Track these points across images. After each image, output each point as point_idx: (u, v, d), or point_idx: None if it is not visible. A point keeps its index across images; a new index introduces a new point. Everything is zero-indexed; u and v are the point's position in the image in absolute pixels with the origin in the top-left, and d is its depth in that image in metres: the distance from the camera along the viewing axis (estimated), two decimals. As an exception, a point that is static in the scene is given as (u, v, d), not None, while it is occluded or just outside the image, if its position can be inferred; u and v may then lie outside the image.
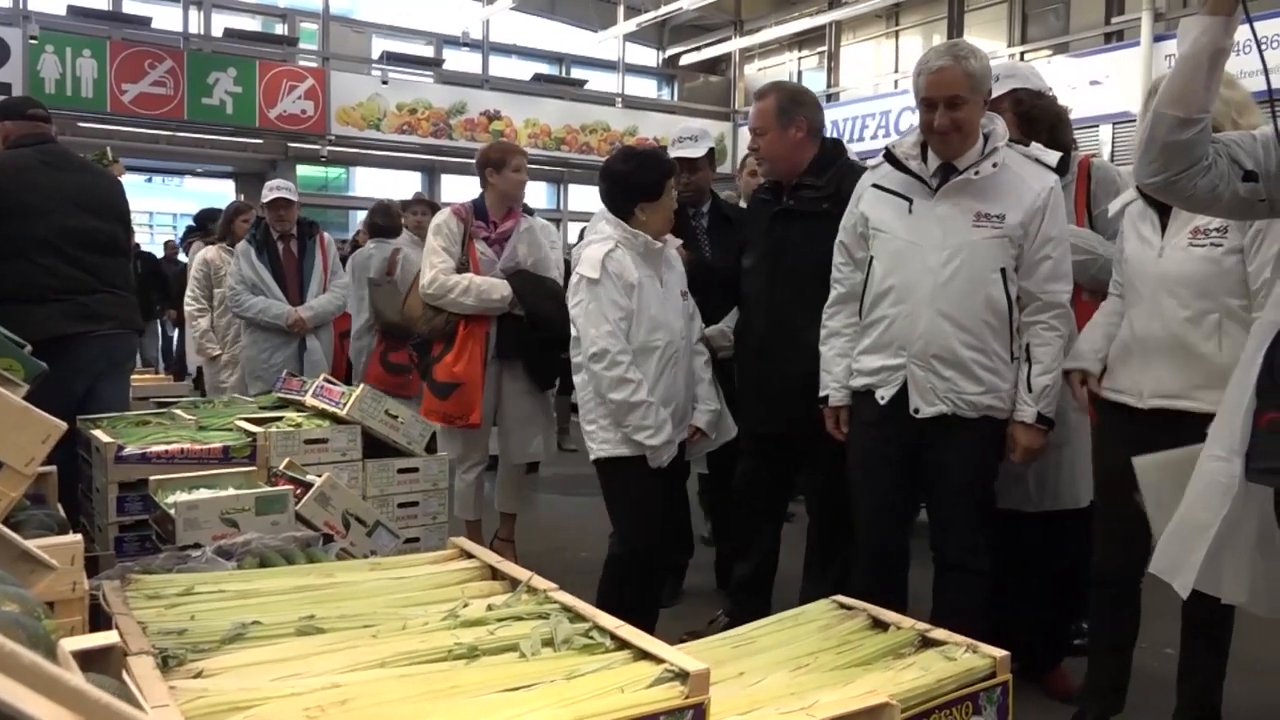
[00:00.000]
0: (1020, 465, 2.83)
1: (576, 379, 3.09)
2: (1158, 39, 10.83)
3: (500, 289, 4.01)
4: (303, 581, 1.60)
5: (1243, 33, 1.90)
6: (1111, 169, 3.19)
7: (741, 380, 3.34)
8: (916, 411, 2.68)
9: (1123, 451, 2.55)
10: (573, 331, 3.05)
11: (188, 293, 6.09)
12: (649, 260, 3.02)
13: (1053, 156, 2.74)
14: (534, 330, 4.03)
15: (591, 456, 3.07)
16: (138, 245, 9.16)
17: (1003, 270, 2.62)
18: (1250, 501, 1.95)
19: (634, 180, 3.04)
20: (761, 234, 3.18)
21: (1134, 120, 9.82)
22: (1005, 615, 2.99)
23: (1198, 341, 2.42)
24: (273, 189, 5.24)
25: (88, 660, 1.01)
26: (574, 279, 3.03)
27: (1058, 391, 2.66)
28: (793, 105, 3.11)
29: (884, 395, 2.71)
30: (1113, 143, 10.85)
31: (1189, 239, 2.46)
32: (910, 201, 2.71)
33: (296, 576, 1.65)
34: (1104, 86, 10.85)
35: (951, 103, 2.58)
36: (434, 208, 6.58)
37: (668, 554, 3.45)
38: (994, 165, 2.63)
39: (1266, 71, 1.86)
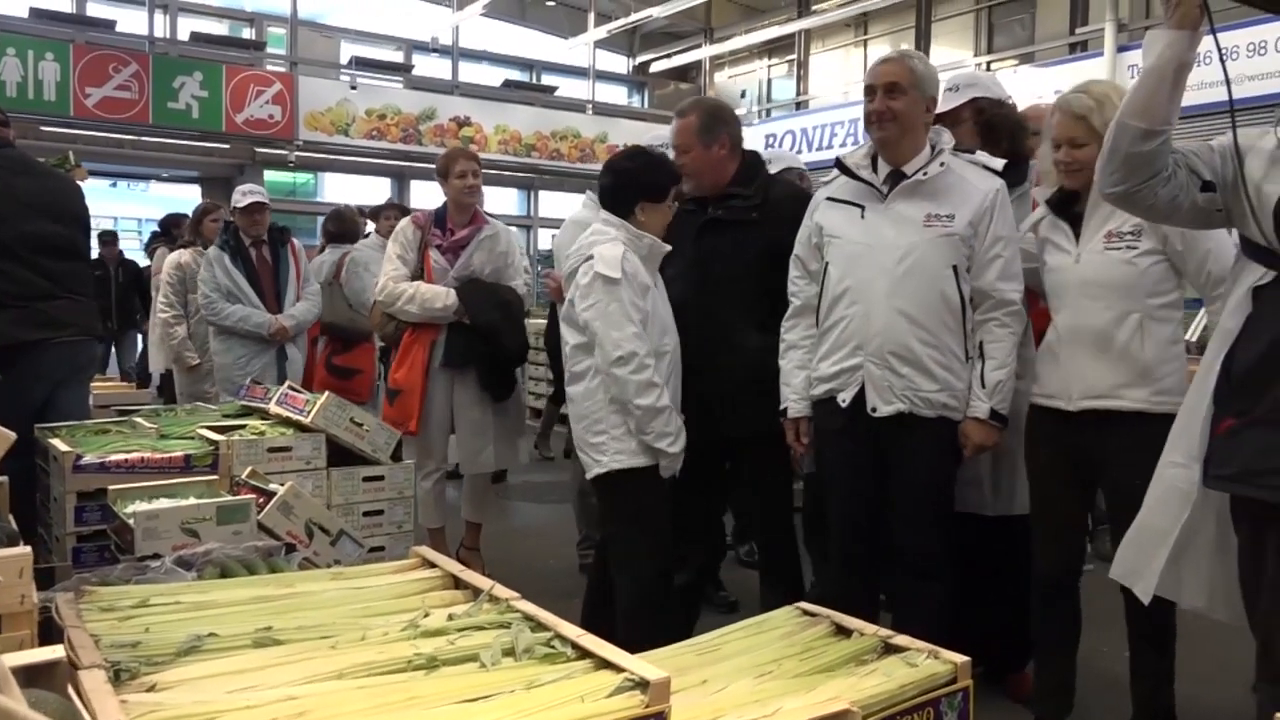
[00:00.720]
0: (978, 468, 2.92)
1: (576, 388, 2.86)
2: (1121, 49, 10.99)
3: (443, 298, 4.00)
4: (261, 592, 1.58)
5: (1206, 43, 1.93)
6: None
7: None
8: (874, 410, 2.71)
9: (1055, 454, 2.67)
10: (572, 339, 2.86)
11: (160, 299, 5.96)
12: (649, 264, 2.90)
13: (998, 163, 2.81)
14: (478, 340, 4.00)
15: (598, 471, 2.82)
16: (120, 252, 9.08)
17: (954, 268, 2.69)
18: (1208, 507, 1.99)
19: (641, 179, 2.91)
20: (689, 244, 3.09)
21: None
22: (967, 619, 3.02)
23: (1121, 342, 2.52)
24: (247, 193, 5.12)
25: (33, 675, 0.99)
26: (584, 279, 2.78)
27: (1011, 389, 2.70)
28: (715, 122, 3.11)
29: (845, 398, 2.75)
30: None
31: (1104, 243, 2.57)
32: (863, 208, 2.79)
33: (255, 587, 1.62)
34: (1068, 96, 10.96)
35: (889, 89, 2.70)
36: (405, 213, 6.60)
37: (699, 559, 3.33)
38: (941, 165, 2.71)
39: (1228, 83, 1.89)
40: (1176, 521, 2.01)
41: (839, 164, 2.86)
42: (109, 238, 9.28)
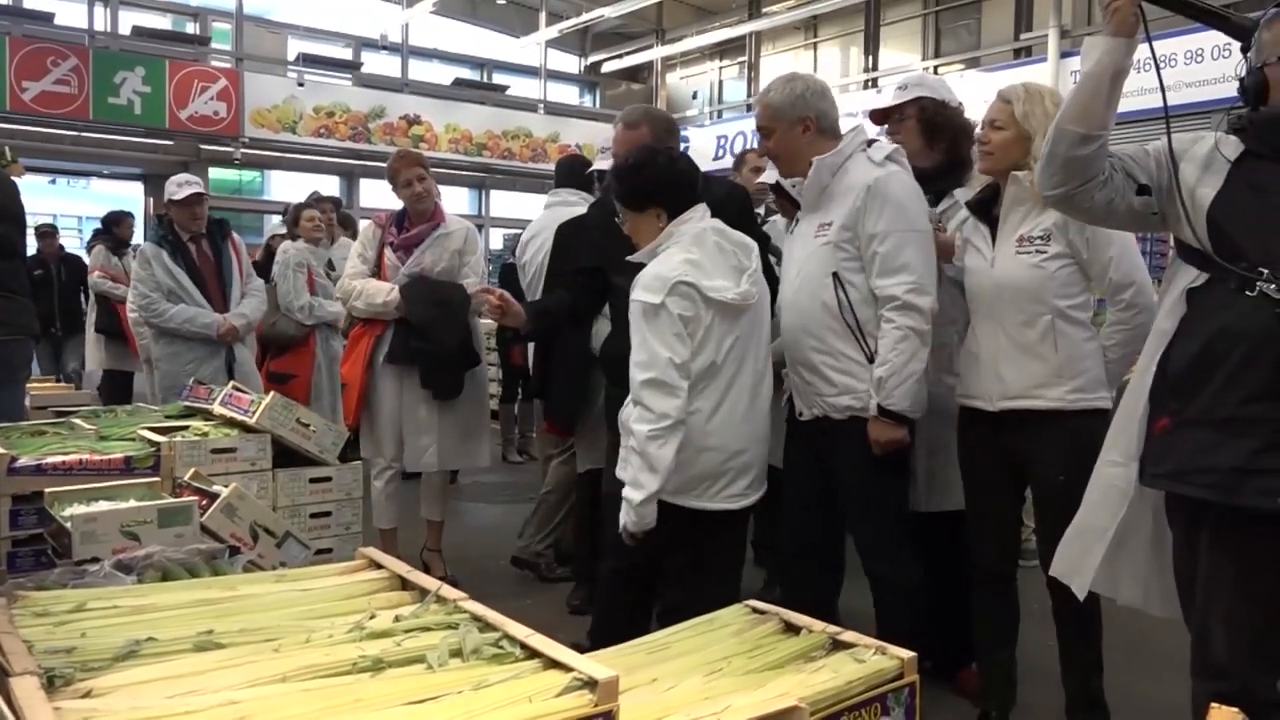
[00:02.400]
0: (912, 465, 2.98)
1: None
2: (1064, 55, 11.18)
3: (384, 294, 4.02)
4: (203, 595, 1.55)
5: (1142, 50, 1.98)
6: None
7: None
8: (801, 415, 2.87)
9: (983, 452, 2.76)
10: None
11: (131, 298, 5.78)
12: None
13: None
14: (414, 336, 3.99)
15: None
16: (61, 247, 8.45)
17: (835, 274, 2.73)
18: (1144, 505, 2.03)
19: (679, 181, 2.73)
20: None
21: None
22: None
23: (1033, 343, 2.62)
24: (184, 184, 4.72)
25: (-38, 682, 0.96)
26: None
27: (907, 385, 2.65)
28: (666, 135, 3.18)
29: (782, 405, 2.90)
30: (1022, 155, 11.17)
31: (1015, 248, 2.66)
32: (796, 221, 2.94)
33: (196, 590, 1.59)
34: (1013, 100, 11.15)
35: (761, 132, 2.88)
36: (338, 206, 6.54)
37: None
38: (831, 174, 2.76)
39: (1163, 89, 1.93)
40: (1114, 519, 2.05)
41: (774, 187, 3.01)
42: (48, 230, 8.49)
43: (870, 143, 2.82)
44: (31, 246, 7.68)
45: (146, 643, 1.31)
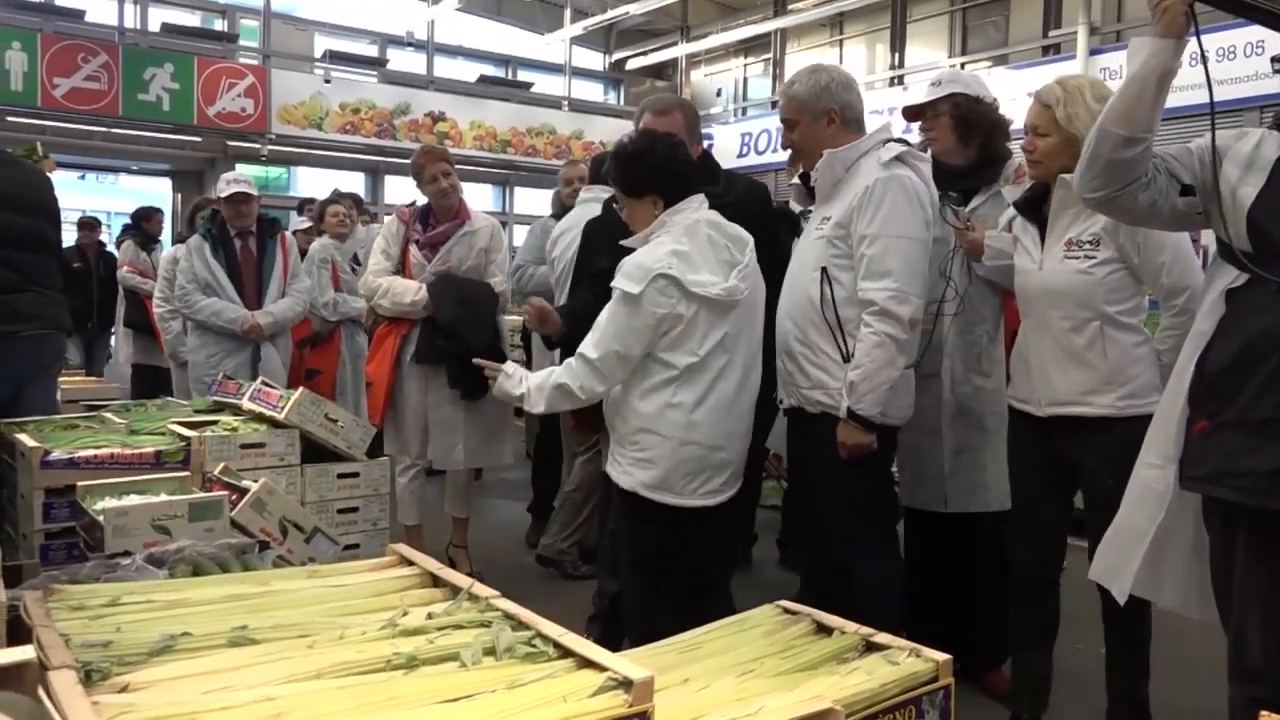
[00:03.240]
0: (937, 465, 3.03)
1: None
2: (1093, 52, 11.08)
3: (412, 293, 4.01)
4: (236, 590, 1.55)
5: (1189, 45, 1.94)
6: None
7: None
8: (780, 402, 2.91)
9: (1033, 455, 2.72)
10: None
11: (156, 293, 5.80)
12: None
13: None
14: (441, 335, 3.98)
15: None
16: (101, 244, 8.44)
17: (823, 269, 2.71)
18: (1186, 508, 2.00)
19: (678, 170, 2.72)
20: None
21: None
22: (944, 616, 3.04)
23: (1080, 349, 2.56)
24: (231, 182, 4.82)
25: (2, 677, 0.96)
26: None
27: (878, 392, 2.60)
28: (698, 121, 3.19)
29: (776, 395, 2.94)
30: (1050, 153, 11.06)
31: (1064, 252, 2.60)
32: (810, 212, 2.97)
33: (229, 585, 1.60)
34: (1042, 98, 11.04)
35: (786, 125, 2.86)
36: (358, 204, 6.55)
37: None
38: (845, 169, 2.74)
39: (1210, 86, 1.89)
40: (1152, 522, 2.02)
41: (802, 178, 3.02)
42: (89, 222, 8.36)
43: (886, 141, 2.75)
44: (70, 237, 7.67)
45: (181, 638, 1.32)
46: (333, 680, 1.24)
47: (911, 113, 3.16)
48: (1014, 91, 11.32)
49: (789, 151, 3.28)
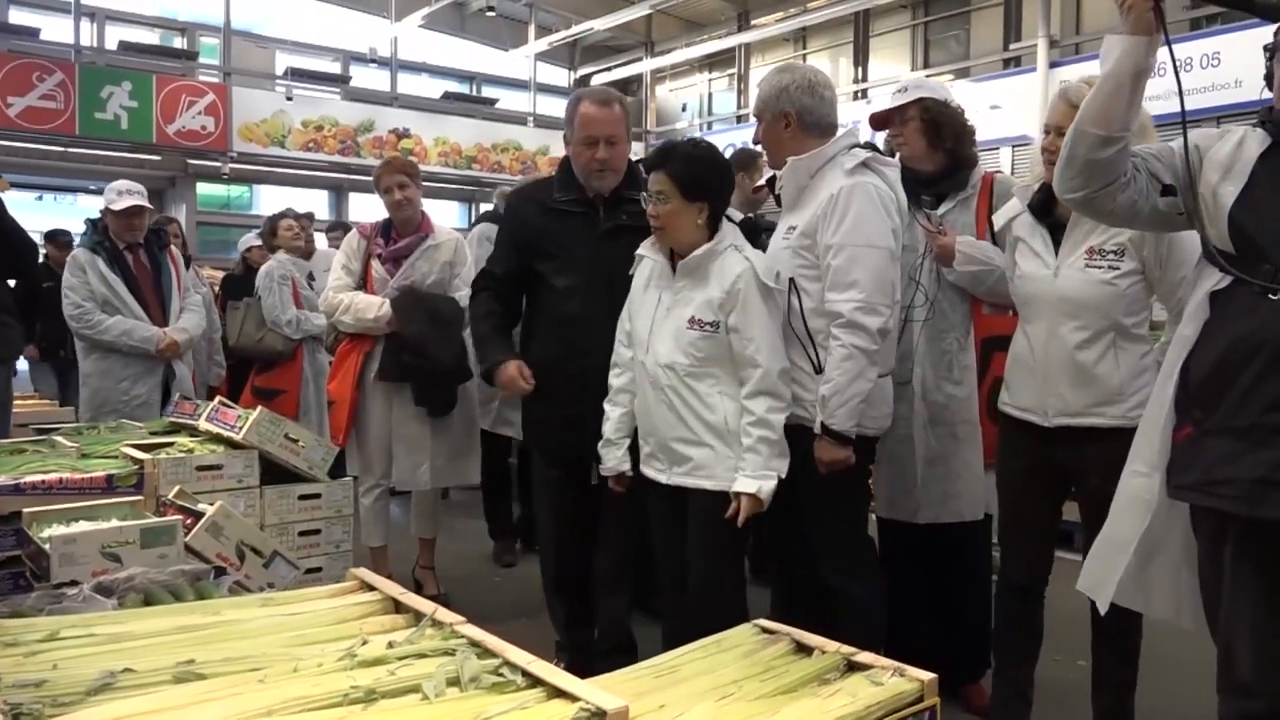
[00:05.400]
0: (908, 476, 2.94)
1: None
2: (1053, 64, 11.22)
3: (375, 308, 3.91)
4: (184, 621, 1.47)
5: (1161, 54, 1.90)
6: (1013, 182, 3.25)
7: (556, 409, 3.04)
8: None
9: (1030, 466, 2.64)
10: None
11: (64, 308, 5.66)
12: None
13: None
14: (407, 352, 3.89)
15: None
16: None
17: (790, 281, 2.65)
18: (1175, 516, 1.95)
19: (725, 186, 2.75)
20: (585, 251, 2.99)
21: (1031, 143, 10.13)
22: (922, 630, 2.99)
23: (1093, 360, 2.49)
24: (124, 193, 4.40)
25: (-85, 725, 0.87)
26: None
27: (851, 405, 2.54)
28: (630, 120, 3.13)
29: None
30: (1012, 165, 11.16)
31: (1085, 260, 2.51)
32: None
33: (178, 616, 1.51)
34: (1003, 111, 11.16)
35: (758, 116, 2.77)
36: (310, 219, 6.41)
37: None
38: (809, 176, 2.68)
39: (1179, 81, 1.86)
40: (1137, 531, 1.98)
41: (768, 184, 2.90)
42: (60, 238, 7.51)
43: (852, 147, 2.68)
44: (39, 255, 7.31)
45: (122, 674, 1.23)
46: (285, 717, 1.16)
47: (880, 119, 3.12)
48: (976, 103, 11.47)
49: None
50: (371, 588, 1.64)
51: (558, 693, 1.22)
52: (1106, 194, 1.92)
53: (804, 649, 1.65)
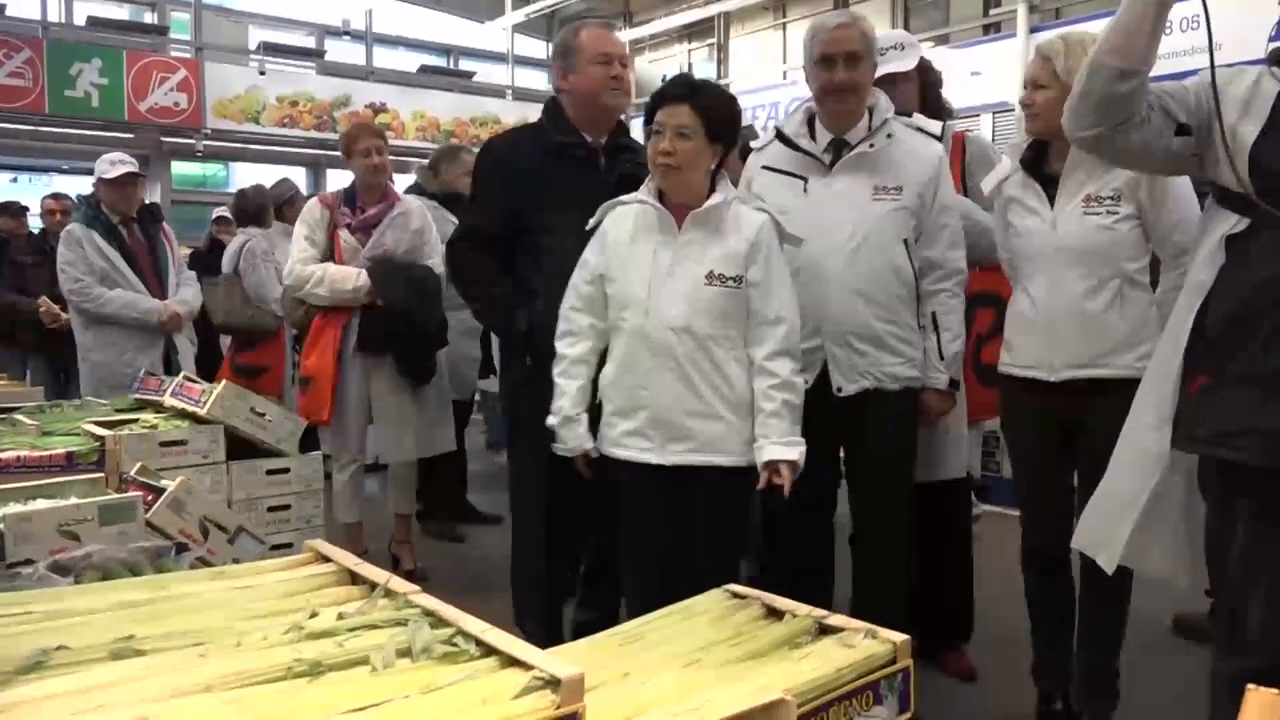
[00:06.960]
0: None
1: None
2: (1033, 30, 11.11)
3: (354, 279, 3.83)
4: (128, 596, 1.41)
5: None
6: (985, 142, 3.25)
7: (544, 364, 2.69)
8: (840, 390, 2.64)
9: (1040, 425, 2.58)
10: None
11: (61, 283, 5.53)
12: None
13: (935, 126, 2.82)
14: (391, 322, 3.81)
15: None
16: (31, 233, 7.70)
17: (905, 241, 2.65)
18: (1177, 470, 1.88)
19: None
20: (598, 200, 2.60)
21: (1012, 110, 10.05)
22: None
23: (1100, 310, 2.44)
24: (117, 162, 4.44)
25: None
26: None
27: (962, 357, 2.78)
28: None
29: (808, 379, 2.57)
30: (993, 131, 11.09)
31: (1083, 208, 2.47)
32: (805, 180, 2.67)
33: (120, 591, 1.45)
34: (983, 77, 11.06)
35: (850, 59, 2.59)
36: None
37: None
38: (888, 137, 2.64)
39: (1207, 13, 1.75)
40: (1145, 486, 1.91)
41: (779, 134, 2.76)
42: (12, 209, 7.22)
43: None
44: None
45: (56, 652, 1.17)
46: (225, 693, 1.10)
47: (888, 79, 3.03)
48: (956, 70, 11.37)
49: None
50: (327, 559, 1.59)
51: (512, 661, 1.17)
52: (1121, 132, 1.81)
53: (775, 613, 1.61)
